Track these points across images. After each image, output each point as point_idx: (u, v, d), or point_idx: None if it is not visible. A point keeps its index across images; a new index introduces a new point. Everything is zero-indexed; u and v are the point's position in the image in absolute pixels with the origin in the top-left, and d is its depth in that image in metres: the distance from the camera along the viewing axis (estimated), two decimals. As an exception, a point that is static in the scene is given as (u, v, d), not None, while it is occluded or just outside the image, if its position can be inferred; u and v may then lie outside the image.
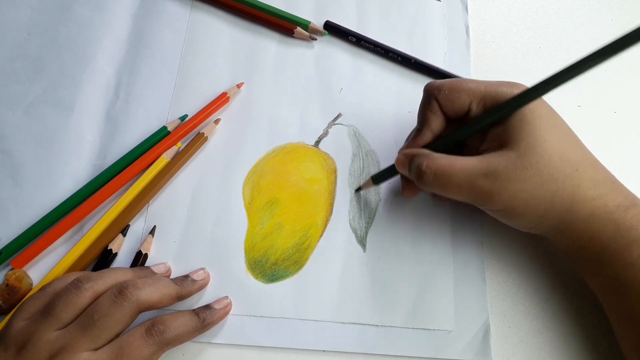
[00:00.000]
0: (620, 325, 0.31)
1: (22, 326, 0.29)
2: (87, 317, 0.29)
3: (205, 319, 0.32)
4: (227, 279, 0.36)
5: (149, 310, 0.31)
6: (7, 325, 0.30)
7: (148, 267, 0.35)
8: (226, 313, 0.34)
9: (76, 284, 0.30)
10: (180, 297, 0.33)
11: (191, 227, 0.37)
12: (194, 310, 0.33)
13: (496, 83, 0.33)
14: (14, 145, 0.39)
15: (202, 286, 0.35)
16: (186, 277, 0.34)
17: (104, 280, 0.31)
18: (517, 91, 0.31)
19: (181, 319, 0.31)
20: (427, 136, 0.34)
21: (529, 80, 0.43)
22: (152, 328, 0.30)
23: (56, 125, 0.39)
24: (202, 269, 0.36)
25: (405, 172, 0.34)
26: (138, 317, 0.31)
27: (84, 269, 0.35)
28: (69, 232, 0.36)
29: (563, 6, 0.47)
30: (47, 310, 0.29)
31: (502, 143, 0.31)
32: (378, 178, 0.37)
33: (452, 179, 0.31)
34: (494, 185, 0.30)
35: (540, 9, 0.47)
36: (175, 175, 0.38)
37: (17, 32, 0.42)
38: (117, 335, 0.29)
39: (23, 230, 0.36)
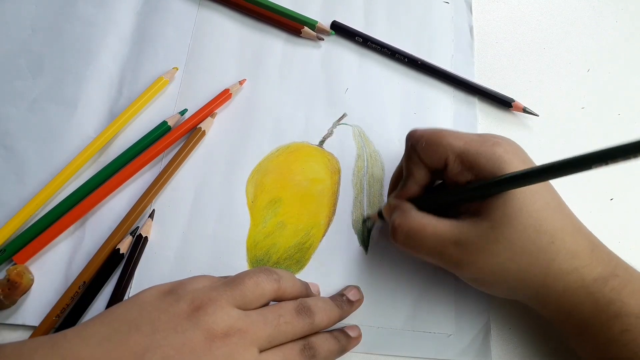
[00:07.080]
0: None
1: (200, 287, 0.28)
2: (272, 314, 0.28)
3: (345, 348, 0.32)
4: (230, 277, 0.36)
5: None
6: (180, 283, 0.28)
7: (308, 285, 0.34)
8: (358, 343, 0.33)
9: (267, 273, 0.30)
10: (338, 322, 0.33)
11: (193, 225, 0.37)
12: (332, 333, 0.32)
13: (478, 140, 0.30)
14: (18, 141, 0.38)
15: (357, 307, 0.34)
16: (342, 296, 0.34)
17: (287, 285, 0.30)
18: (500, 151, 0.29)
19: (328, 345, 0.30)
20: (413, 188, 0.33)
21: (532, 82, 0.44)
22: (305, 350, 0.29)
23: (59, 122, 0.39)
24: (356, 287, 0.35)
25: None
26: None
27: (94, 269, 0.35)
28: (71, 228, 0.36)
29: (567, 7, 0.47)
30: (234, 282, 0.28)
31: (479, 209, 0.29)
32: (381, 214, 0.36)
33: (423, 242, 0.30)
34: (463, 255, 0.29)
35: (544, 10, 0.47)
36: (177, 172, 0.38)
37: (21, 28, 0.42)
38: None
39: (26, 227, 0.35)
